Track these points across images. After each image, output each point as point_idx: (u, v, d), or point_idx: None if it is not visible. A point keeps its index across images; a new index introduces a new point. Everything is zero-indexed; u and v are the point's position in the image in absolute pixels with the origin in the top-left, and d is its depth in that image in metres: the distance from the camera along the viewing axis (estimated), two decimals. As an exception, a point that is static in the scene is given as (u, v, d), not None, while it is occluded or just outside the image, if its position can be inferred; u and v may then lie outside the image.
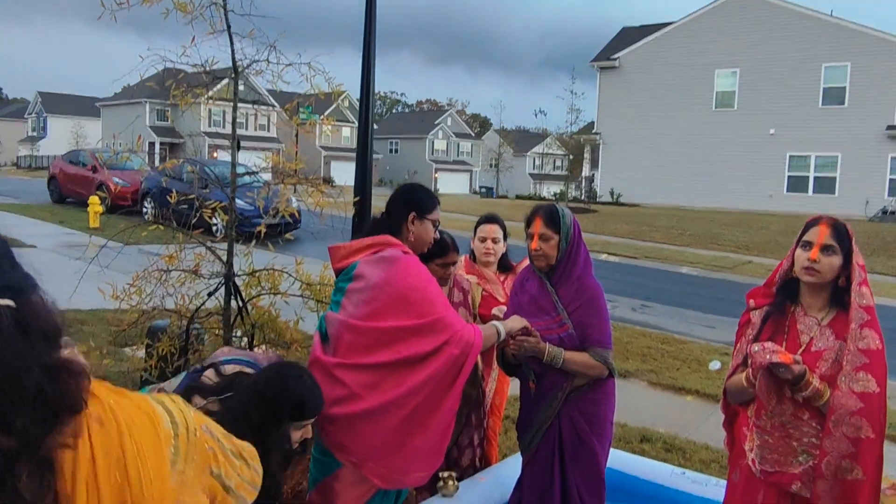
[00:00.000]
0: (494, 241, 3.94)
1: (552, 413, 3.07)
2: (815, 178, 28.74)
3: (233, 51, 3.45)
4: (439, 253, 3.39)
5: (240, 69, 3.53)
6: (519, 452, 3.45)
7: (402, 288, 2.77)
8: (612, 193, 32.42)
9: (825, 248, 2.32)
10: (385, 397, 2.75)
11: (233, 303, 3.91)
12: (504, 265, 4.04)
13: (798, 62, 28.35)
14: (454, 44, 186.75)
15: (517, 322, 3.02)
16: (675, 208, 29.34)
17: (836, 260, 2.32)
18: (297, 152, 4.21)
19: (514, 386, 4.14)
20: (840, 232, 2.34)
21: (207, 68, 3.50)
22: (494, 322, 3.02)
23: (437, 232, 3.10)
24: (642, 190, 31.55)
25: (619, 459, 3.77)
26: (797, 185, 28.91)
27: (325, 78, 3.79)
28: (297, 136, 4.24)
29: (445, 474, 3.26)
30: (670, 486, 3.69)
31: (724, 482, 2.95)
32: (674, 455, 5.21)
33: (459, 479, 3.36)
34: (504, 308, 3.36)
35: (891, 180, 27.31)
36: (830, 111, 28.14)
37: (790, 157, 29.02)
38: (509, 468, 3.54)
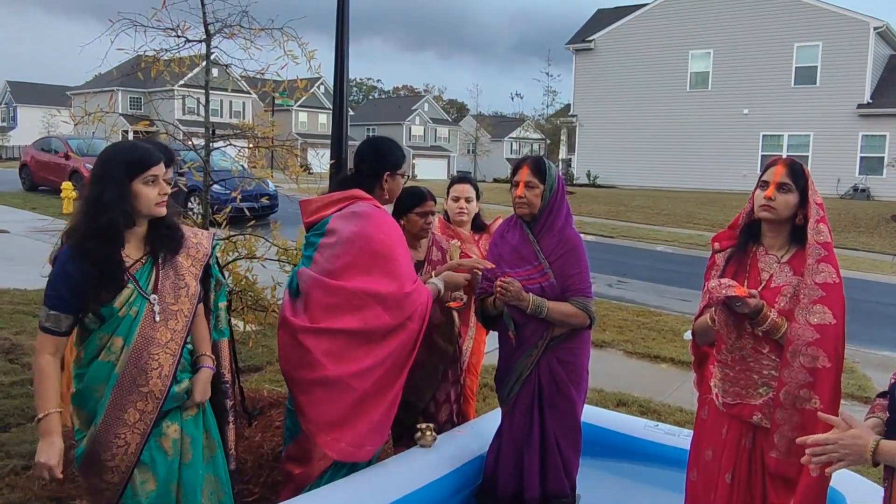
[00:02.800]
0: (468, 199, 4.00)
1: (531, 362, 3.14)
2: (788, 157, 29.05)
3: (204, 13, 3.45)
4: (417, 202, 3.45)
5: (211, 32, 3.53)
6: (497, 409, 3.52)
7: (373, 242, 2.83)
8: (588, 175, 32.58)
9: (780, 186, 2.40)
10: (347, 369, 2.78)
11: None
12: (477, 225, 4.09)
13: (770, 42, 28.61)
14: (426, 30, 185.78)
15: (455, 276, 3.20)
16: (651, 189, 29.58)
17: (791, 198, 2.40)
18: (272, 119, 4.20)
19: (491, 355, 4.21)
20: (795, 171, 2.43)
21: (179, 33, 3.50)
22: (433, 279, 3.15)
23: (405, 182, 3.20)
24: (619, 172, 31.74)
25: (594, 414, 3.85)
26: (771, 164, 29.21)
27: (298, 44, 3.79)
28: (272, 122, 4.22)
29: (424, 425, 3.32)
30: (644, 438, 3.78)
31: (694, 431, 3.05)
32: (649, 417, 5.30)
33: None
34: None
35: (861, 158, 27.73)
36: (803, 91, 28.47)
37: (763, 136, 29.34)
38: (487, 422, 3.61)
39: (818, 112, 27.88)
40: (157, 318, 2.43)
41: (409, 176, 3.21)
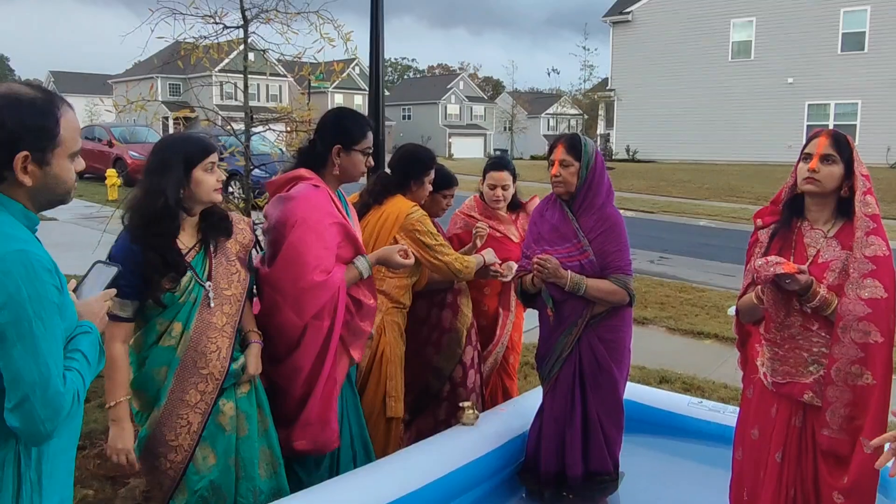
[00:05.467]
0: (504, 187, 3.91)
1: (572, 340, 3.14)
2: (836, 127, 28.17)
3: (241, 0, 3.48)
4: (446, 184, 3.63)
5: (249, 18, 3.55)
6: (538, 388, 3.53)
7: (286, 228, 2.72)
8: (627, 150, 32.12)
9: (824, 158, 2.33)
10: (279, 371, 2.78)
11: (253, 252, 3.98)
12: (514, 203, 4.06)
13: (815, 8, 27.70)
14: (456, 5, 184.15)
15: (386, 252, 2.93)
16: (692, 162, 29.05)
17: (836, 169, 2.33)
18: (308, 102, 4.23)
19: (531, 333, 4.21)
20: (840, 142, 2.35)
21: (218, 19, 3.53)
22: (357, 260, 2.88)
23: (369, 161, 2.91)
24: (659, 145, 31.22)
25: (636, 392, 3.84)
26: (816, 134, 28.45)
27: (334, 26, 3.80)
28: (308, 104, 4.25)
29: (467, 403, 3.35)
30: (688, 416, 3.75)
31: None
32: (692, 394, 5.25)
33: None
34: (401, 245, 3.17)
35: (912, 126, 26.84)
36: (850, 57, 27.55)
37: (809, 105, 28.52)
38: (529, 400, 3.62)
39: (866, 79, 26.96)
40: (213, 304, 2.52)
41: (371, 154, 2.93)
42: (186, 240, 2.52)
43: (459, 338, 3.59)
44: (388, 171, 3.51)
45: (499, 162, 4.03)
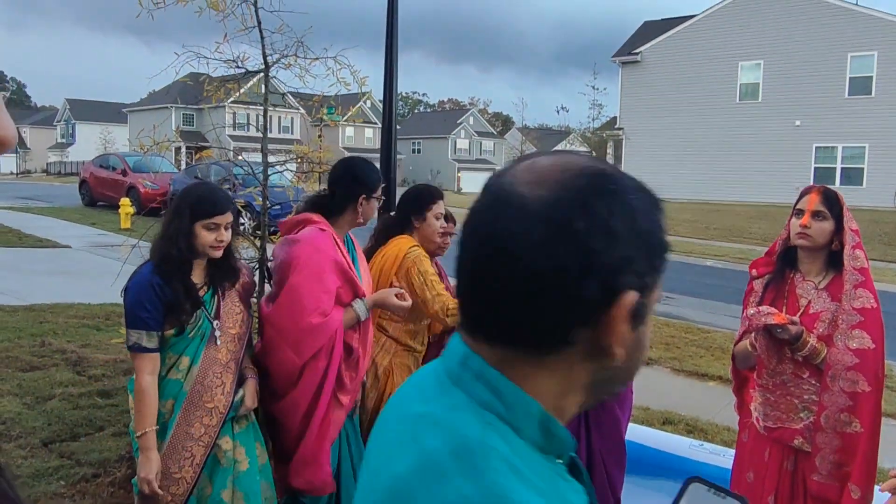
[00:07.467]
0: None
1: None
2: (843, 170, 28.40)
3: (263, 46, 3.64)
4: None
5: (270, 64, 3.72)
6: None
7: (290, 269, 2.83)
8: (635, 189, 32.24)
9: (815, 214, 2.45)
10: (280, 405, 2.85)
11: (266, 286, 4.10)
12: None
13: (823, 52, 28.05)
14: (464, 43, 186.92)
15: (382, 296, 3.00)
16: (699, 202, 29.17)
17: (827, 225, 2.45)
18: (320, 143, 4.38)
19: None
20: (830, 199, 2.48)
21: (240, 64, 3.70)
22: (356, 303, 2.95)
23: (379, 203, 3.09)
24: (667, 184, 31.37)
25: (639, 433, 3.90)
26: (824, 176, 28.56)
27: (350, 71, 3.96)
28: (319, 135, 4.40)
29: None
30: (689, 458, 3.81)
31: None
32: (696, 436, 5.28)
33: None
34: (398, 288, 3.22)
35: (920, 170, 26.94)
36: (857, 101, 27.80)
37: (817, 148, 28.72)
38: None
39: (874, 123, 27.17)
40: (219, 342, 2.66)
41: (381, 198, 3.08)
42: (196, 278, 2.67)
43: None
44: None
45: None
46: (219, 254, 2.65)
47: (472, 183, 57.64)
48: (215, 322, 2.66)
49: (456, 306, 3.20)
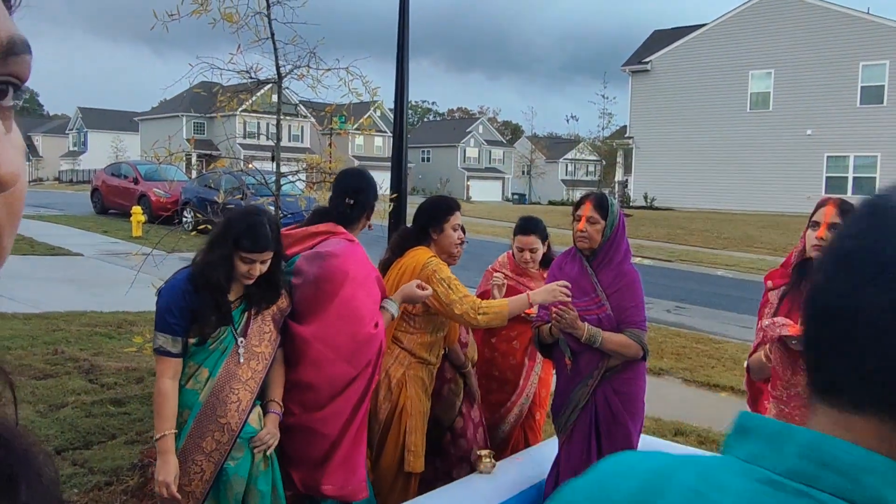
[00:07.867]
0: (532, 251, 3.94)
1: (588, 391, 3.22)
2: (854, 179, 28.26)
3: (276, 57, 3.67)
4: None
5: (283, 75, 3.74)
6: (553, 438, 3.59)
7: (334, 285, 2.84)
8: (645, 198, 32.25)
9: (832, 226, 2.45)
10: (315, 416, 2.83)
11: None
12: (546, 260, 4.04)
13: (834, 61, 27.97)
14: (473, 51, 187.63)
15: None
16: (710, 211, 29.10)
17: None
18: (331, 153, 4.40)
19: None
20: (846, 211, 2.46)
21: (253, 74, 3.72)
22: (386, 302, 3.05)
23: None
24: (676, 193, 31.33)
25: (650, 444, 3.87)
26: (836, 186, 28.43)
27: (362, 82, 3.98)
28: (330, 143, 4.43)
29: (484, 452, 3.41)
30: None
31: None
32: (707, 447, 5.26)
33: None
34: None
35: (933, 179, 26.74)
36: (869, 110, 27.69)
37: (828, 157, 28.60)
38: (544, 450, 3.67)
39: (886, 132, 27.04)
40: (242, 360, 2.65)
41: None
42: (233, 293, 2.68)
43: (459, 389, 3.62)
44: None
45: (526, 226, 3.99)
46: (249, 282, 2.66)
47: (482, 191, 57.73)
48: (240, 339, 2.66)
49: (485, 305, 3.21)
